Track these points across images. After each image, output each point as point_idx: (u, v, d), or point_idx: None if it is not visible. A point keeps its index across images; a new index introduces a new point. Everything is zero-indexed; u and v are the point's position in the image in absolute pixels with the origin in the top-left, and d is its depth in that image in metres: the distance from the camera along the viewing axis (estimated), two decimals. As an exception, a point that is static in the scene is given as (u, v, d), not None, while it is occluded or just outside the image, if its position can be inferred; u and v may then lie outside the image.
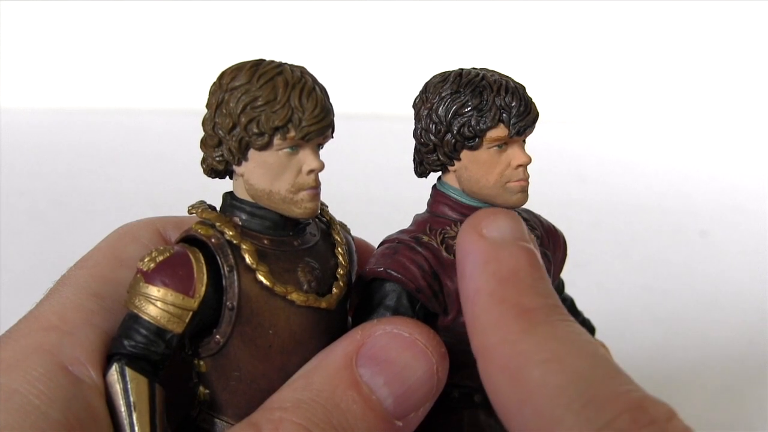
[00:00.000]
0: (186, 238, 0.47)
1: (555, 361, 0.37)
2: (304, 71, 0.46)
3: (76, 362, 0.44)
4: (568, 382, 0.36)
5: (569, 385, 0.36)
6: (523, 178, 0.54)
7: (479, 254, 0.41)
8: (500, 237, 0.42)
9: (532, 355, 0.37)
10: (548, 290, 0.41)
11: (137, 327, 0.44)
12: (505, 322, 0.39)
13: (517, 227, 0.43)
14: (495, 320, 0.39)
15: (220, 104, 0.45)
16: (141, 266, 0.44)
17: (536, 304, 0.39)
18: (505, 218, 0.43)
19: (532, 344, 0.38)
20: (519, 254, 0.41)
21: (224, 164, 0.46)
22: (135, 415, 0.43)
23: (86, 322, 0.46)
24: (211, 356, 0.46)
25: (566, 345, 0.38)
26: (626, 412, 0.35)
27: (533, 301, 0.39)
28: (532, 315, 0.39)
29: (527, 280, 0.40)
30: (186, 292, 0.44)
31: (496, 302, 0.39)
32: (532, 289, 0.40)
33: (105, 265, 0.52)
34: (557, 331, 0.38)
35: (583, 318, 0.68)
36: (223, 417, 0.47)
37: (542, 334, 0.38)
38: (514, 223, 0.43)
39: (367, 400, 0.42)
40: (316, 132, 0.44)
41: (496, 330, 0.39)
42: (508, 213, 0.43)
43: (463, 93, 0.53)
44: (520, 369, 0.37)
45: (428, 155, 0.55)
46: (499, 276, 0.40)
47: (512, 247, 0.41)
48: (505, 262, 0.40)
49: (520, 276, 0.40)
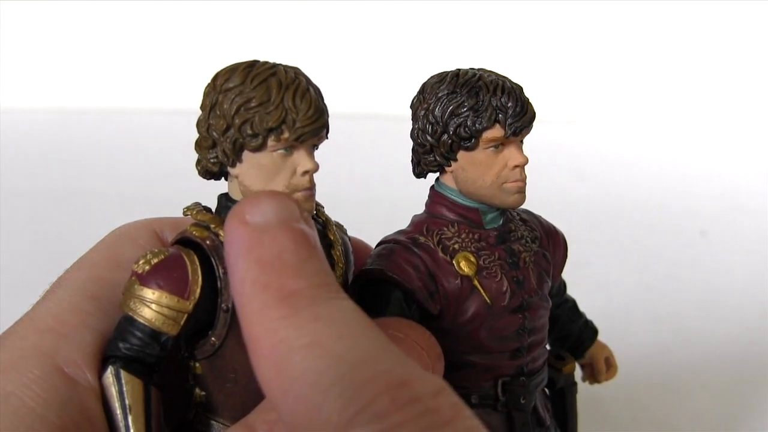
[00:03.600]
0: (181, 240, 0.47)
1: (316, 345, 0.34)
2: (298, 72, 0.46)
3: (72, 364, 0.44)
4: (328, 366, 0.34)
5: (329, 369, 0.33)
6: (520, 179, 0.54)
7: (242, 242, 0.38)
8: (263, 221, 0.38)
9: (293, 341, 0.35)
10: (317, 269, 0.38)
11: (132, 329, 0.44)
12: (268, 309, 0.36)
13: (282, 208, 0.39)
14: (258, 308, 0.36)
15: (214, 106, 0.45)
16: (136, 268, 0.45)
17: (300, 286, 0.37)
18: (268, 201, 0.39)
19: (294, 329, 0.35)
20: (283, 236, 0.38)
21: (219, 166, 0.46)
22: (130, 417, 0.43)
23: (82, 324, 0.46)
24: (207, 358, 0.46)
25: (329, 326, 0.35)
26: (385, 392, 0.33)
27: (297, 283, 0.37)
28: (296, 298, 0.36)
29: (291, 262, 0.37)
30: (181, 294, 0.44)
31: (260, 290, 0.37)
32: (297, 271, 0.37)
33: (102, 266, 0.51)
34: (320, 311, 0.36)
35: (585, 320, 0.68)
36: (219, 418, 0.47)
37: (305, 317, 0.36)
38: (280, 204, 0.39)
39: None
40: (310, 133, 0.44)
41: (260, 319, 0.36)
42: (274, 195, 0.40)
43: (460, 93, 0.53)
44: (282, 357, 0.35)
45: (425, 156, 0.55)
46: (261, 261, 0.37)
47: (276, 229, 0.38)
48: (267, 247, 0.38)
49: (284, 258, 0.37)
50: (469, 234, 0.55)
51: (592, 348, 0.68)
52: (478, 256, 0.54)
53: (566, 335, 0.67)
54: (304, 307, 0.36)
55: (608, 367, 0.68)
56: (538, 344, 0.58)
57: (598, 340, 0.68)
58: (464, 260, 0.54)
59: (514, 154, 0.54)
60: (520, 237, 0.57)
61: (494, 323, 0.54)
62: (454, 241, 0.54)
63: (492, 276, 0.54)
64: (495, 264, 0.55)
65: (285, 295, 0.36)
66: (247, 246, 0.38)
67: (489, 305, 0.53)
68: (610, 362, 0.68)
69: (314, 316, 0.36)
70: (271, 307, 0.36)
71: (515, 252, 0.56)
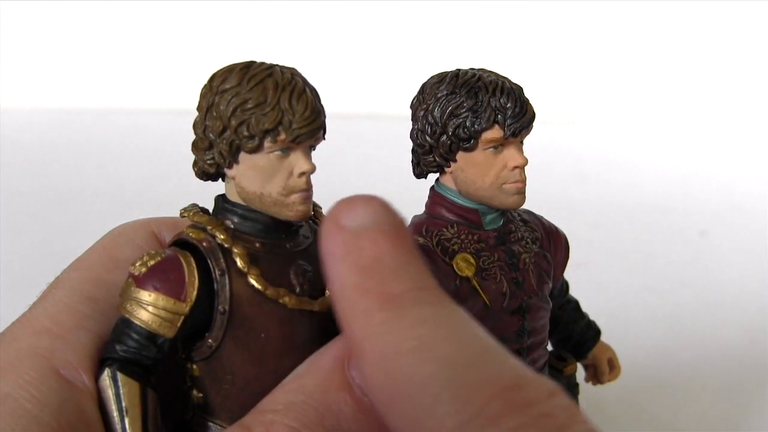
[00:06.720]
0: (177, 242, 0.46)
1: (423, 348, 0.34)
2: (294, 73, 0.46)
3: (68, 366, 0.44)
4: (437, 369, 0.33)
5: (438, 373, 0.33)
6: (520, 180, 0.54)
7: (339, 247, 0.38)
8: (360, 225, 0.38)
9: (399, 345, 0.34)
10: (417, 272, 0.38)
11: (129, 332, 0.44)
12: (371, 313, 0.36)
13: (378, 212, 0.39)
14: (361, 313, 0.36)
15: (211, 107, 0.45)
16: (132, 270, 0.44)
17: (402, 289, 0.36)
18: (363, 205, 0.39)
19: (399, 333, 0.35)
20: (381, 239, 0.38)
21: (215, 167, 0.46)
22: (127, 420, 0.43)
23: (79, 326, 0.46)
24: (204, 360, 0.46)
25: (435, 329, 0.35)
26: (498, 395, 0.32)
27: (399, 286, 0.36)
28: (399, 302, 0.36)
29: (391, 265, 0.37)
30: (177, 296, 0.43)
31: (361, 294, 0.36)
32: (398, 274, 0.37)
33: (99, 267, 0.51)
34: (425, 314, 0.35)
35: (588, 320, 0.68)
36: (216, 420, 0.47)
37: (409, 321, 0.35)
38: (375, 208, 0.39)
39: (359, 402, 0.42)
40: (306, 134, 0.44)
41: (363, 323, 0.36)
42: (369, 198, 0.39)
43: (459, 94, 0.53)
44: (389, 361, 0.34)
45: (425, 156, 0.55)
46: (360, 266, 0.37)
47: (373, 233, 0.38)
48: (366, 251, 0.37)
49: (384, 262, 0.37)
50: (468, 235, 0.55)
51: (595, 349, 0.67)
52: (477, 257, 0.54)
53: (569, 336, 0.67)
54: (407, 311, 0.36)
55: (611, 368, 0.68)
56: (539, 345, 0.58)
57: (601, 341, 0.68)
58: (463, 261, 0.53)
59: (513, 155, 0.53)
60: (520, 238, 0.57)
61: (494, 324, 0.54)
62: (453, 241, 0.54)
63: (491, 277, 0.54)
64: (494, 265, 0.54)
65: (387, 299, 0.36)
66: (345, 251, 0.37)
67: (488, 306, 0.53)
68: (613, 363, 0.68)
69: (419, 319, 0.35)
70: (374, 311, 0.36)
71: (515, 253, 0.56)
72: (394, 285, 0.36)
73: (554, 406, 0.33)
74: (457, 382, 0.33)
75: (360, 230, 0.38)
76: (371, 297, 0.36)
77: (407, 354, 0.34)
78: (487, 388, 0.32)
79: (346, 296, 0.37)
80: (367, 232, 0.38)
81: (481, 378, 0.33)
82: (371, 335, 0.35)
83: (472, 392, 0.32)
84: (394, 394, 0.34)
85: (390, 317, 0.35)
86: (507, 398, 0.32)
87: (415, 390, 0.33)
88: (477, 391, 0.32)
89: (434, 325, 0.35)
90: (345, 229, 0.38)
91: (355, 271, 0.37)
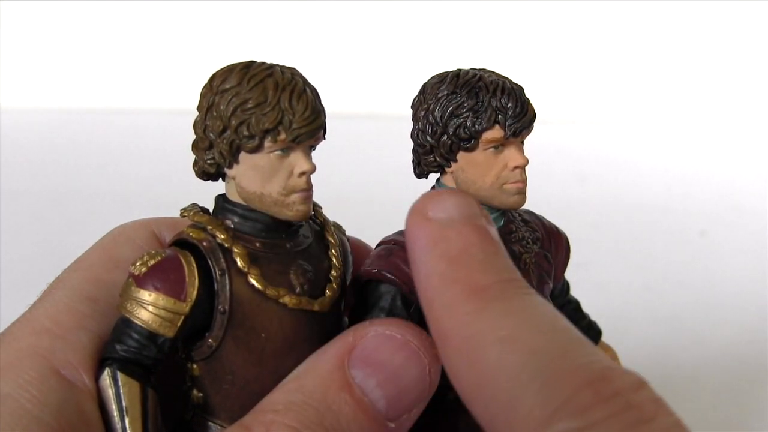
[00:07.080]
0: (178, 242, 0.46)
1: (511, 338, 0.35)
2: (295, 73, 0.46)
3: (68, 366, 0.44)
4: (525, 359, 0.34)
5: (526, 363, 0.33)
6: (521, 180, 0.54)
7: (427, 237, 0.39)
8: (447, 217, 0.39)
9: (487, 335, 0.35)
10: (503, 265, 0.39)
11: (129, 331, 0.44)
12: (459, 303, 0.36)
13: (464, 205, 0.40)
14: (448, 303, 0.37)
15: (211, 107, 0.45)
16: (132, 270, 0.44)
17: (490, 281, 0.37)
18: (451, 197, 0.40)
19: (487, 323, 0.35)
20: (468, 232, 0.39)
21: (215, 167, 0.46)
22: (127, 419, 0.43)
23: (79, 326, 0.46)
24: (204, 360, 0.46)
25: (523, 320, 0.36)
26: (587, 385, 0.32)
27: (486, 277, 0.37)
28: (486, 292, 0.37)
29: (479, 257, 0.38)
30: (177, 296, 0.43)
31: (448, 284, 0.37)
32: (485, 266, 0.38)
33: (99, 267, 0.51)
34: (513, 306, 0.36)
35: (589, 320, 0.68)
36: (216, 420, 0.47)
37: (497, 311, 0.36)
38: (462, 201, 0.40)
39: (359, 401, 0.42)
40: (306, 134, 0.44)
41: (450, 313, 0.37)
42: (455, 192, 0.41)
43: (459, 94, 0.53)
44: (476, 351, 0.35)
45: (425, 156, 0.55)
46: (448, 256, 0.38)
47: (460, 225, 0.39)
48: (453, 242, 0.38)
49: (471, 253, 0.38)
50: (469, 235, 0.55)
51: (595, 349, 0.67)
52: (477, 257, 0.54)
53: (569, 336, 0.67)
54: (495, 302, 0.36)
55: (612, 368, 0.68)
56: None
57: (602, 342, 0.68)
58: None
59: (514, 155, 0.53)
60: (520, 238, 0.57)
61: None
62: (453, 241, 0.54)
63: (491, 277, 0.54)
64: (495, 265, 0.54)
65: (475, 290, 0.37)
66: (433, 241, 0.38)
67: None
68: (614, 364, 0.68)
69: (506, 310, 0.36)
70: (462, 302, 0.36)
71: (515, 253, 0.56)
72: (481, 276, 0.37)
73: (642, 397, 0.33)
74: (545, 373, 0.33)
75: (448, 222, 0.39)
76: (458, 287, 0.37)
77: (495, 344, 0.35)
78: (575, 378, 0.33)
79: (433, 285, 0.38)
80: (455, 224, 0.39)
81: (570, 369, 0.33)
82: (458, 324, 0.36)
83: (560, 382, 0.33)
84: (481, 383, 0.35)
85: (477, 308, 0.36)
86: (595, 389, 0.32)
87: (504, 379, 0.34)
88: (565, 382, 0.33)
89: (521, 316, 0.36)
90: (433, 221, 0.39)
91: (442, 261, 0.38)
